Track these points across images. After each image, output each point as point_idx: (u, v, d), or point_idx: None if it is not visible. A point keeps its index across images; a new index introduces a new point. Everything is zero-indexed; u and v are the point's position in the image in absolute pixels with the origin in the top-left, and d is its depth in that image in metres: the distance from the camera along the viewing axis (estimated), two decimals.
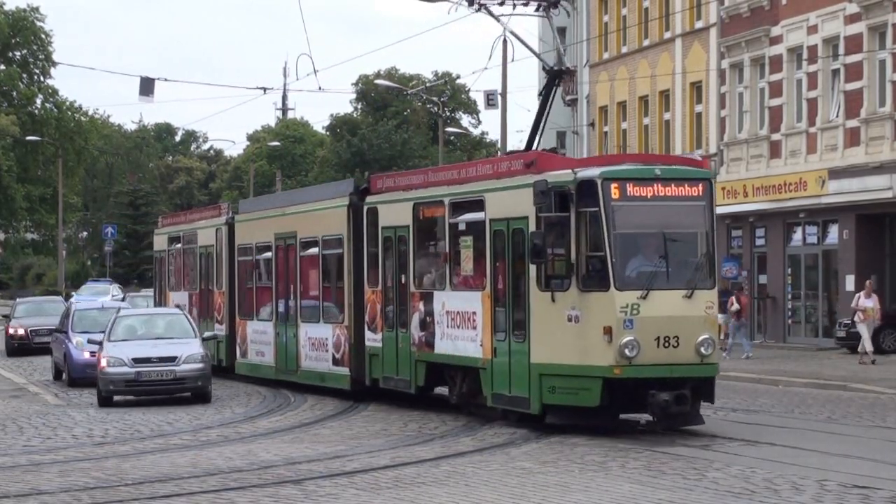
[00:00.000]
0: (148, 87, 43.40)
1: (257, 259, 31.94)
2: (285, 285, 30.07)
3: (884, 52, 37.47)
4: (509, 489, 15.62)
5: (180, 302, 36.83)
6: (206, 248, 35.33)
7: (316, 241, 28.59)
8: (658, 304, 20.06)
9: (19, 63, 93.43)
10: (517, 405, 21.58)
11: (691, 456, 18.11)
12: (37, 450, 20.31)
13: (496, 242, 22.18)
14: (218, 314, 34.26)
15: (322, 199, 28.86)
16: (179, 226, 38.90)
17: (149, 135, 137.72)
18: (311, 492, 15.65)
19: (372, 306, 26.09)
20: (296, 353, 29.24)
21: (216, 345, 33.67)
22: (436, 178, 24.86)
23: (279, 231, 30.43)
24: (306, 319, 28.94)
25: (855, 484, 15.64)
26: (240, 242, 33.06)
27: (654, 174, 20.64)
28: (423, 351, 24.28)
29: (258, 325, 31.64)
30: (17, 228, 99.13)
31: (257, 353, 31.70)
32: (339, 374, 27.27)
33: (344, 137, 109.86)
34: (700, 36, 45.99)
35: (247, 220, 33.09)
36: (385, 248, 25.61)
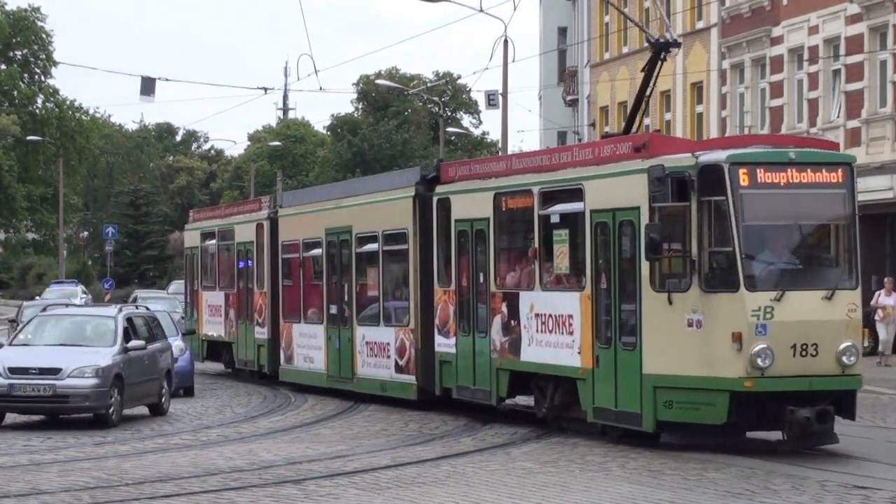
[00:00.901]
0: (149, 87, 43.41)
1: (305, 256, 29.51)
2: (338, 285, 27.64)
3: (885, 53, 37.46)
4: (509, 489, 15.63)
5: (215, 302, 34.94)
6: (245, 244, 32.84)
7: (375, 236, 26.25)
8: (794, 307, 17.83)
9: (20, 63, 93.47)
10: (625, 421, 19.12)
11: (691, 456, 18.10)
12: (37, 449, 20.31)
13: (599, 236, 19.68)
14: (259, 316, 31.80)
15: (382, 189, 26.49)
16: (214, 221, 36.20)
17: (149, 134, 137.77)
18: (311, 492, 15.65)
19: (443, 308, 23.81)
20: (351, 359, 26.88)
21: (256, 349, 31.95)
22: (521, 164, 22.34)
23: (331, 226, 28.03)
24: (364, 322, 26.61)
25: (855, 485, 15.64)
26: (284, 238, 30.54)
27: (788, 158, 18.41)
28: (505, 358, 21.86)
29: (306, 329, 29.26)
30: (18, 228, 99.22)
31: (305, 359, 29.24)
32: (403, 382, 25.02)
33: (345, 137, 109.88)
34: (701, 36, 45.99)
35: (292, 215, 30.48)
36: (459, 244, 23.34)
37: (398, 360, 25.18)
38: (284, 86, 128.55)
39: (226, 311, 33.93)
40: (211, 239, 35.54)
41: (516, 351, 21.60)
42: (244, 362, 32.95)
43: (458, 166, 24.42)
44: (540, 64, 63.41)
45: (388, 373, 25.49)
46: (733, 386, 17.74)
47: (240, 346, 33.18)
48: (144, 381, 24.38)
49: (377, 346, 25.93)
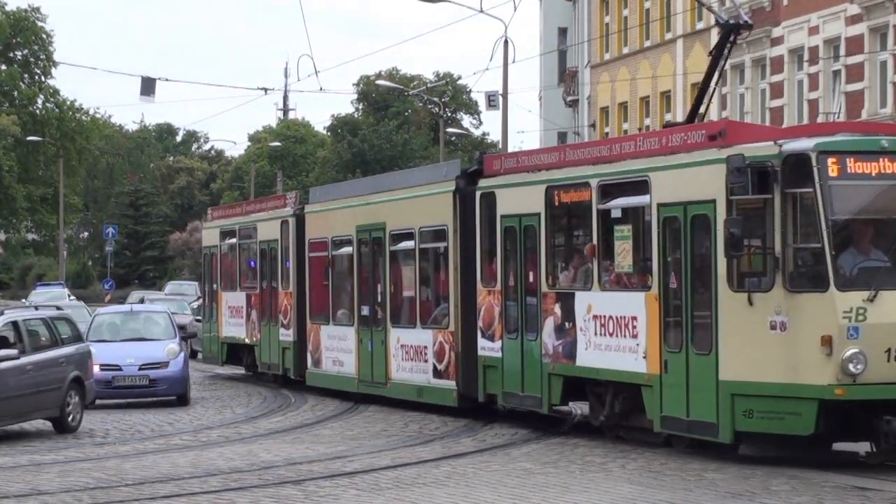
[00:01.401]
0: (149, 88, 43.42)
1: (334, 255, 27.97)
2: (370, 285, 26.16)
3: (885, 54, 37.46)
4: (509, 490, 15.63)
5: (236, 303, 33.32)
6: (269, 242, 31.25)
7: (411, 233, 24.83)
8: (889, 308, 16.42)
9: (20, 63, 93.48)
10: (698, 431, 17.79)
11: (691, 457, 18.11)
12: (37, 450, 20.32)
13: (667, 232, 18.25)
14: (284, 317, 30.19)
15: (419, 184, 25.06)
16: (234, 219, 34.57)
17: (150, 135, 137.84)
18: (311, 492, 15.65)
19: (488, 309, 22.32)
20: (385, 363, 25.41)
21: (281, 352, 30.29)
22: (576, 155, 20.76)
23: (363, 222, 26.56)
24: (398, 324, 25.17)
25: (854, 486, 15.64)
26: (311, 236, 29.00)
27: (880, 146, 16.93)
28: (559, 363, 20.39)
29: (335, 331, 27.69)
30: (18, 228, 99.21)
31: (334, 363, 27.70)
32: (442, 388, 23.60)
33: (345, 138, 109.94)
34: (701, 37, 45.98)
35: (320, 212, 28.93)
36: (506, 241, 21.86)
37: (436, 365, 23.77)
38: (285, 86, 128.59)
39: (247, 312, 32.48)
40: (231, 237, 34.12)
41: (571, 355, 20.13)
42: (267, 366, 31.45)
43: (503, 158, 22.87)
44: (540, 64, 63.45)
45: (426, 378, 24.07)
46: (822, 394, 16.38)
47: (263, 348, 31.62)
48: (27, 395, 21.70)
49: (413, 350, 24.57)
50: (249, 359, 33.14)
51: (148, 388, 27.53)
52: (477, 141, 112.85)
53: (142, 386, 27.49)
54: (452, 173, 23.77)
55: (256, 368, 32.53)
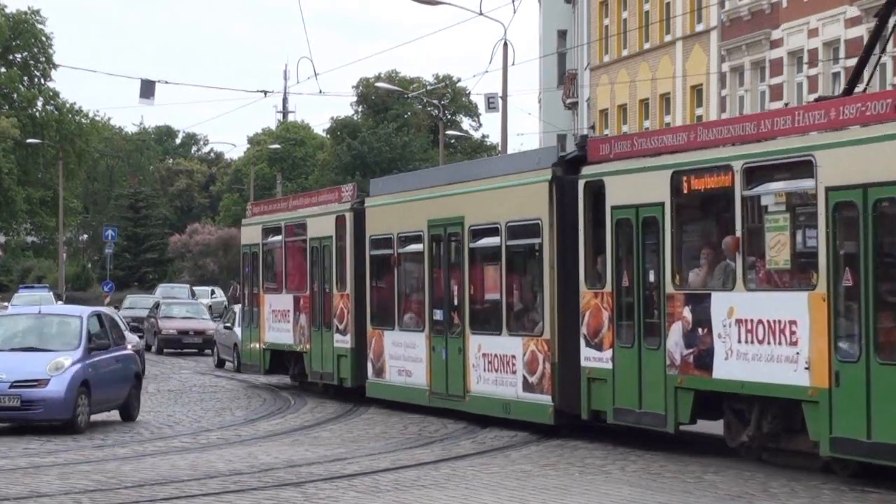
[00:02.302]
0: (148, 90, 43.46)
1: (400, 253, 25.54)
2: (445, 286, 23.77)
3: (884, 56, 37.48)
4: (509, 492, 15.63)
5: (281, 307, 30.42)
6: (321, 240, 28.44)
7: (495, 227, 22.26)
8: None
9: (20, 65, 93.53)
10: (887, 456, 15.15)
11: (690, 459, 18.11)
12: (36, 452, 20.30)
13: (838, 221, 15.70)
14: (339, 322, 27.45)
15: (506, 173, 22.45)
16: (279, 214, 31.58)
17: (149, 137, 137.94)
18: (310, 494, 15.65)
19: (594, 314, 19.72)
20: (463, 373, 22.94)
21: (335, 360, 27.62)
22: (711, 135, 18.08)
23: (436, 217, 24.09)
24: (480, 330, 22.65)
25: (852, 487, 15.64)
26: (373, 232, 26.45)
27: None
28: (689, 375, 17.85)
29: (402, 337, 25.19)
30: (18, 231, 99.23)
31: (400, 372, 25.23)
32: (534, 403, 21.04)
33: (344, 140, 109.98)
34: (700, 39, 46.00)
35: (383, 205, 26.26)
36: (617, 235, 19.33)
37: (527, 377, 21.19)
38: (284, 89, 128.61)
39: (295, 316, 29.59)
40: (275, 235, 31.16)
41: (706, 366, 17.57)
42: (319, 375, 28.45)
43: (613, 142, 20.19)
44: (539, 67, 63.45)
45: (514, 391, 21.51)
46: None
47: (314, 356, 28.62)
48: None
49: (499, 360, 22.02)
50: (297, 367, 30.21)
51: (19, 411, 22.27)
52: (476, 143, 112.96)
53: (11, 408, 22.21)
54: (548, 161, 21.20)
55: (305, 378, 29.61)
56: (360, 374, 26.68)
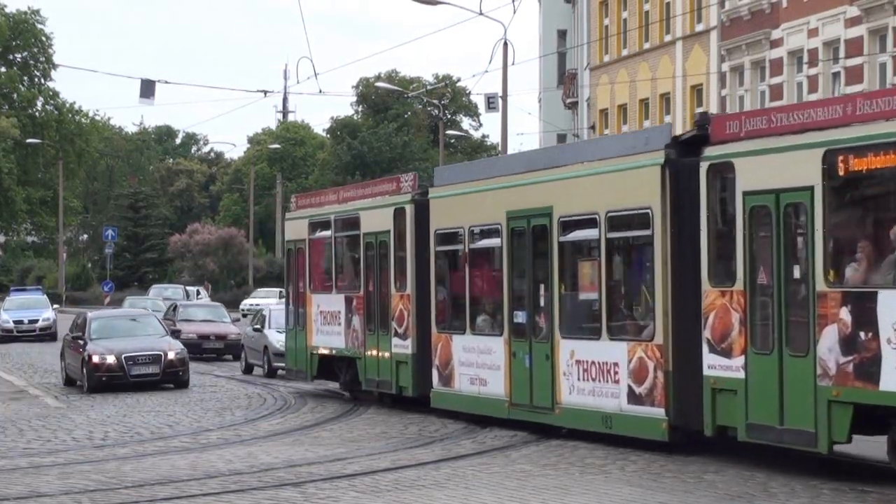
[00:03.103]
0: (149, 90, 43.47)
1: (472, 248, 23.19)
2: (529, 284, 21.41)
3: (884, 56, 37.49)
4: (509, 492, 15.63)
5: (331, 308, 27.84)
6: (378, 234, 26.04)
7: (593, 218, 19.76)
8: None
9: (20, 65, 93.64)
10: None
11: (690, 459, 18.11)
12: (37, 452, 20.31)
13: None
14: (398, 325, 25.06)
15: (605, 157, 19.94)
16: (328, 207, 28.73)
17: (149, 137, 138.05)
18: (310, 494, 15.66)
19: (721, 316, 17.45)
20: (551, 382, 20.55)
21: (394, 367, 25.21)
22: (873, 108, 15.65)
23: (517, 207, 21.66)
24: (573, 334, 20.29)
25: (851, 487, 15.65)
26: (439, 226, 24.03)
27: None
28: (848, 387, 15.55)
29: (474, 341, 22.81)
30: (18, 231, 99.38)
31: (472, 381, 22.82)
32: (642, 417, 18.72)
33: (344, 140, 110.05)
34: (700, 39, 46.03)
35: (451, 196, 23.83)
36: (751, 225, 17.09)
37: (633, 387, 18.89)
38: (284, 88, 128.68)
39: (347, 318, 27.10)
40: (324, 229, 28.58)
41: (869, 376, 15.34)
42: (375, 382, 26.07)
43: (744, 119, 17.78)
44: (539, 67, 63.49)
45: (616, 403, 19.24)
46: None
47: (368, 362, 26.19)
48: None
49: (597, 367, 19.66)
50: (349, 374, 27.63)
51: None
52: (476, 143, 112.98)
53: None
54: (659, 141, 18.85)
55: (358, 386, 27.17)
56: (422, 383, 24.36)
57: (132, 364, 31.47)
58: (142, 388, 31.08)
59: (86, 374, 31.50)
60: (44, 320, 53.81)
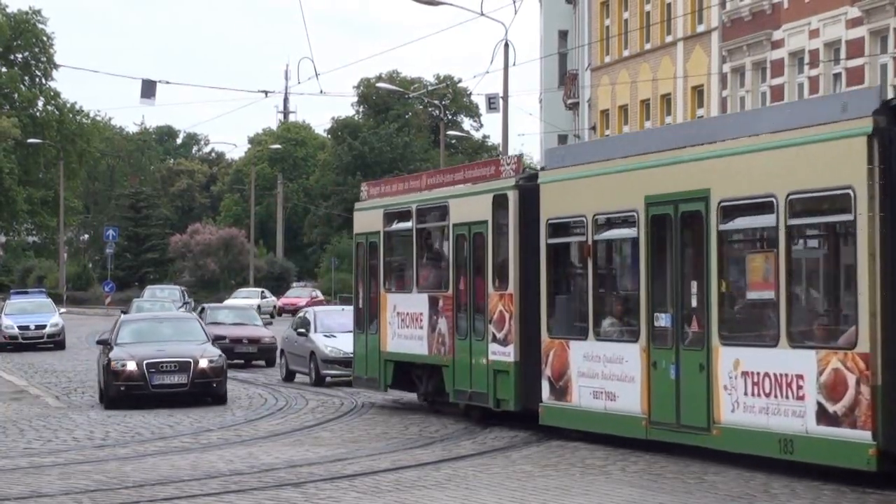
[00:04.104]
0: (149, 90, 43.46)
1: (598, 240, 20.09)
2: (675, 282, 18.40)
3: (885, 57, 37.47)
4: (510, 492, 15.63)
5: (411, 309, 24.91)
6: (471, 226, 23.03)
7: (768, 202, 16.72)
8: None
9: (21, 65, 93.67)
10: None
11: (691, 460, 18.10)
12: (37, 452, 20.31)
13: None
14: (497, 328, 22.03)
15: (784, 128, 16.81)
16: (408, 196, 25.71)
17: (150, 137, 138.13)
18: (311, 495, 15.66)
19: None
20: (707, 397, 17.51)
21: (490, 377, 22.25)
22: None
23: (660, 191, 18.59)
24: (737, 340, 17.36)
25: (853, 488, 15.65)
26: (553, 215, 20.87)
27: None
28: None
29: (599, 348, 19.71)
30: (19, 231, 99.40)
31: (596, 395, 19.77)
32: (838, 440, 15.78)
33: (345, 140, 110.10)
34: (701, 40, 46.01)
35: (569, 180, 20.62)
36: None
37: (825, 404, 15.96)
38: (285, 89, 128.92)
39: (431, 320, 24.15)
40: (403, 220, 25.64)
41: None
42: (466, 394, 23.16)
43: None
44: (540, 67, 63.49)
45: (800, 424, 16.28)
46: None
47: (458, 370, 23.30)
48: None
49: (772, 380, 16.73)
50: (432, 383, 24.80)
51: None
52: (477, 143, 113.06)
53: None
54: (863, 107, 15.84)
55: (442, 397, 24.37)
56: (527, 396, 21.43)
57: (154, 372, 27.21)
58: (167, 402, 26.90)
59: (104, 384, 27.80)
60: (52, 326, 48.45)
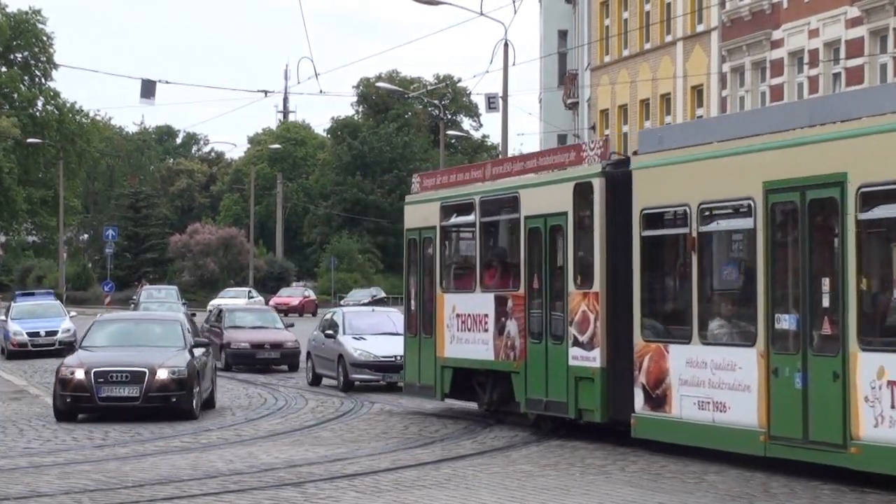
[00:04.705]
0: (149, 90, 43.50)
1: (703, 232, 17.96)
2: (802, 278, 16.38)
3: (885, 57, 37.47)
4: (509, 492, 15.63)
5: (473, 310, 22.91)
6: (547, 217, 21.02)
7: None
8: None
9: (21, 65, 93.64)
10: None
11: (691, 460, 18.11)
12: (37, 452, 20.30)
13: None
14: (579, 331, 19.98)
15: None
16: (470, 186, 23.73)
17: (150, 137, 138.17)
18: (311, 494, 15.65)
19: None
20: (842, 410, 15.59)
21: (571, 385, 20.17)
22: None
23: (783, 176, 16.66)
24: (881, 345, 15.41)
25: (851, 488, 15.65)
26: (649, 204, 18.88)
27: None
28: None
29: (706, 353, 17.65)
30: (18, 231, 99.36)
31: (702, 405, 17.74)
32: None
33: (345, 140, 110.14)
34: (701, 40, 46.00)
35: (670, 165, 18.64)
36: None
37: None
38: (285, 89, 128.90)
39: (498, 322, 22.10)
40: (464, 213, 23.73)
41: None
42: (541, 404, 21.09)
43: None
44: (540, 67, 63.50)
45: None
46: None
47: (531, 377, 21.24)
48: None
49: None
50: (496, 392, 22.79)
51: None
52: (477, 143, 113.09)
53: None
54: None
55: (511, 406, 22.31)
56: (615, 405, 19.49)
57: (103, 383, 24.04)
58: (118, 418, 23.96)
59: (54, 393, 25.08)
60: (64, 332, 44.06)
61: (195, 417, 24.22)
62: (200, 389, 24.93)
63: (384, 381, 30.10)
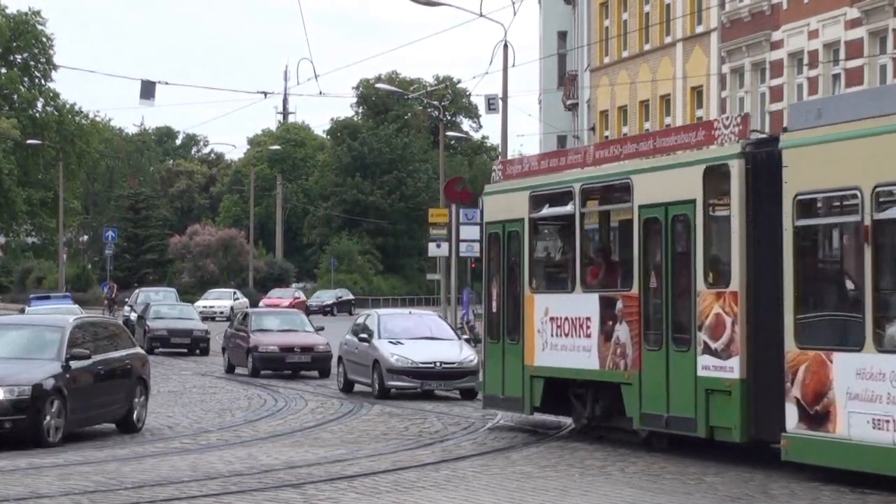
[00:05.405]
0: (149, 91, 43.47)
1: (879, 220, 15.44)
2: None
3: (884, 57, 37.47)
4: (509, 493, 15.63)
5: (571, 313, 20.54)
6: (668, 206, 18.67)
7: None
8: None
9: (20, 66, 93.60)
10: None
11: (690, 461, 18.11)
12: (36, 453, 20.25)
13: None
14: (711, 337, 17.67)
15: None
16: (565, 174, 21.19)
17: (149, 138, 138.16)
18: (311, 496, 15.65)
19: None
20: None
21: (701, 399, 17.86)
22: None
23: None
24: None
25: (852, 489, 15.65)
26: (805, 188, 16.34)
27: None
28: None
29: (881, 363, 15.19)
30: (18, 232, 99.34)
31: (879, 424, 15.23)
32: None
33: (345, 141, 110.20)
34: (701, 40, 46.01)
35: (831, 142, 16.09)
36: None
37: None
38: (284, 90, 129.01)
39: (604, 327, 19.72)
40: (560, 203, 21.28)
41: None
42: (662, 420, 18.74)
43: None
44: (540, 68, 63.50)
45: None
46: None
47: (647, 389, 18.91)
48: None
49: None
50: (599, 406, 20.54)
51: None
52: (476, 144, 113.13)
53: None
54: None
55: (619, 422, 20.03)
56: (759, 423, 17.23)
57: None
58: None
59: None
60: None
61: (44, 445, 20.32)
62: (66, 411, 20.75)
63: (421, 388, 28.73)
